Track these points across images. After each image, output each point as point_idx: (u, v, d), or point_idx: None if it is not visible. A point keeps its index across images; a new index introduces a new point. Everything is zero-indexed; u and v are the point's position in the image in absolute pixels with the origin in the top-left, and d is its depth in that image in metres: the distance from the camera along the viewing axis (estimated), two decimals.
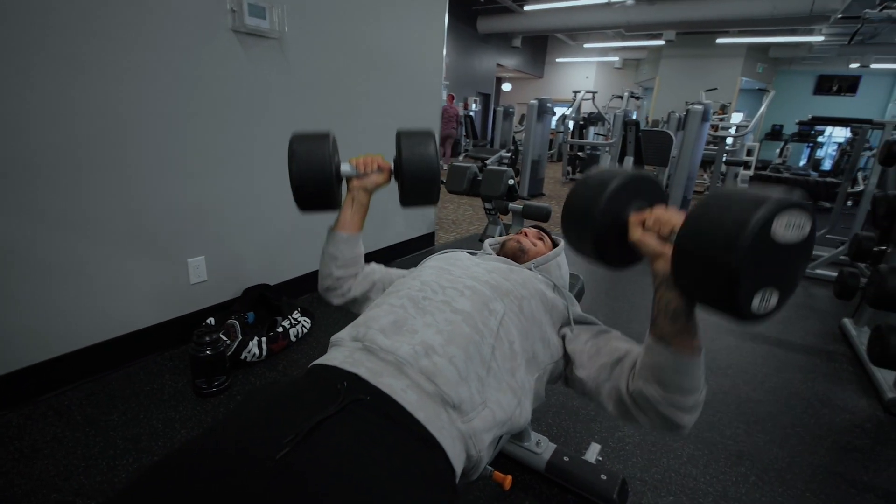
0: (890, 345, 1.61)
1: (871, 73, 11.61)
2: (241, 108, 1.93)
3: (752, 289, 0.53)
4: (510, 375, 0.76)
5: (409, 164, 0.97)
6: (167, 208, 1.76)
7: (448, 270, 0.89)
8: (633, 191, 0.72)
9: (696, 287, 0.58)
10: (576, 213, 0.75)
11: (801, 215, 0.54)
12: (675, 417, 0.68)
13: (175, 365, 1.79)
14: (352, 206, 1.03)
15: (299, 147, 0.95)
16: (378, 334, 0.73)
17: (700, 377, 0.67)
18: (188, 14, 1.67)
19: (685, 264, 0.58)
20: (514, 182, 2.41)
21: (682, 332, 0.65)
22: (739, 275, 0.51)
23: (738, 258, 0.51)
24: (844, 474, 1.42)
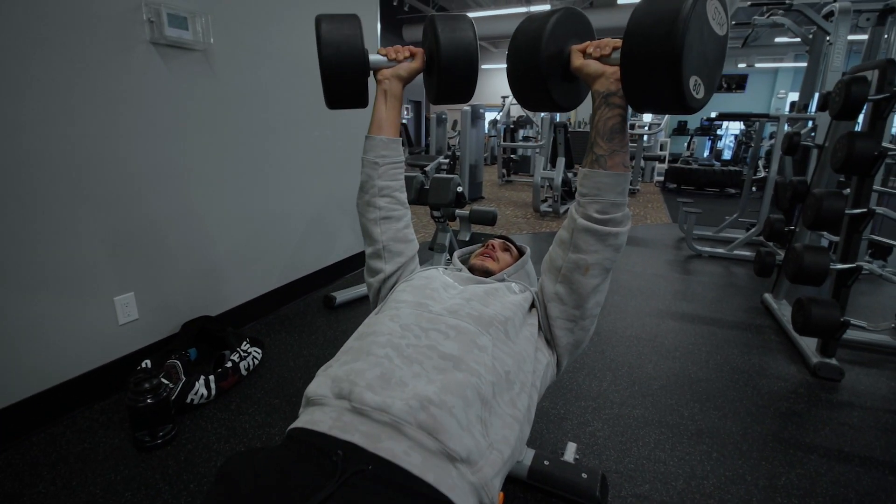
0: (812, 315, 1.79)
1: (756, 72, 13.09)
2: (167, 125, 1.77)
3: (688, 71, 0.62)
4: (511, 407, 0.73)
5: (448, 51, 0.87)
6: (84, 242, 1.57)
7: (426, 307, 0.84)
8: (571, 27, 0.81)
9: (644, 73, 0.65)
10: (521, 49, 0.81)
11: (723, 9, 0.65)
12: (611, 229, 0.78)
13: (108, 418, 1.58)
14: (385, 100, 0.95)
15: (328, 29, 0.86)
16: (366, 392, 0.66)
17: (626, 192, 0.79)
18: (98, 26, 1.50)
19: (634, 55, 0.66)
20: (462, 189, 2.43)
21: (617, 150, 0.76)
22: (683, 47, 0.59)
23: (680, 31, 0.59)
24: (790, 439, 1.55)
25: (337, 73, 0.87)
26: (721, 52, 0.68)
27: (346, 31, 0.87)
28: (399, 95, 0.96)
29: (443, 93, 0.93)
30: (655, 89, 0.66)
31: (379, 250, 0.97)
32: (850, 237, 1.92)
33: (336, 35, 0.86)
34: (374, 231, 0.97)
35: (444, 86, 0.92)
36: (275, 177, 2.31)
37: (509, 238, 1.18)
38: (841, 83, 1.86)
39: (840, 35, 3.02)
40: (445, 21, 0.89)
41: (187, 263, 1.93)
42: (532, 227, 4.75)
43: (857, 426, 1.64)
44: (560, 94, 0.83)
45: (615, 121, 0.74)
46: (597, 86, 0.76)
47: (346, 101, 0.91)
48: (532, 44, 0.79)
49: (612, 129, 0.75)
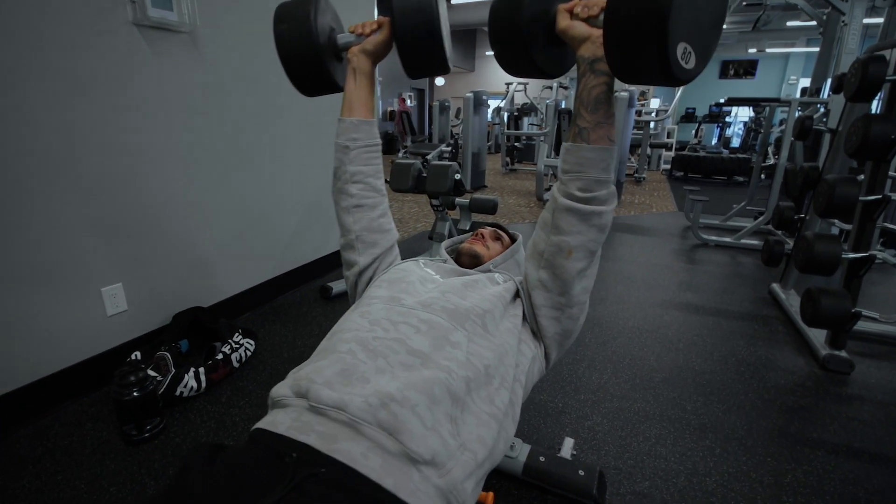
0: (821, 306, 1.72)
1: (767, 57, 12.79)
2: (153, 110, 1.71)
3: (675, 38, 0.56)
4: (489, 403, 0.68)
5: (402, 14, 0.80)
6: (69, 231, 1.52)
7: (399, 300, 0.78)
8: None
9: (628, 40, 0.60)
10: (504, 10, 0.75)
11: None
12: (595, 208, 0.73)
13: (97, 411, 1.56)
14: (354, 79, 0.89)
15: (284, 15, 0.81)
16: (323, 388, 0.61)
17: (613, 169, 0.73)
18: (77, 7, 1.44)
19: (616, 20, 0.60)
20: (461, 177, 2.36)
21: (602, 122, 0.70)
22: (669, 12, 0.53)
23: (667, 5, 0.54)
24: (796, 434, 1.50)
25: (298, 59, 0.81)
26: (718, 17, 0.62)
27: (302, 12, 0.81)
28: (368, 72, 0.89)
29: (407, 63, 0.86)
30: (639, 57, 0.59)
31: (352, 241, 0.92)
32: (864, 225, 1.84)
33: (292, 20, 0.80)
34: (346, 220, 0.92)
35: (405, 55, 0.85)
36: (269, 164, 2.25)
37: (500, 225, 1.12)
38: (858, 62, 1.76)
39: (856, 15, 2.89)
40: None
41: (178, 253, 1.89)
42: (534, 215, 4.68)
43: (867, 421, 1.58)
44: (545, 60, 0.76)
45: (600, 90, 0.69)
46: (582, 50, 0.70)
47: (318, 87, 0.86)
48: (514, 4, 0.72)
49: (597, 98, 0.69)
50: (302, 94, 0.86)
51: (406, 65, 0.87)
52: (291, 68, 0.83)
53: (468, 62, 14.78)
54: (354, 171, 0.89)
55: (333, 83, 0.87)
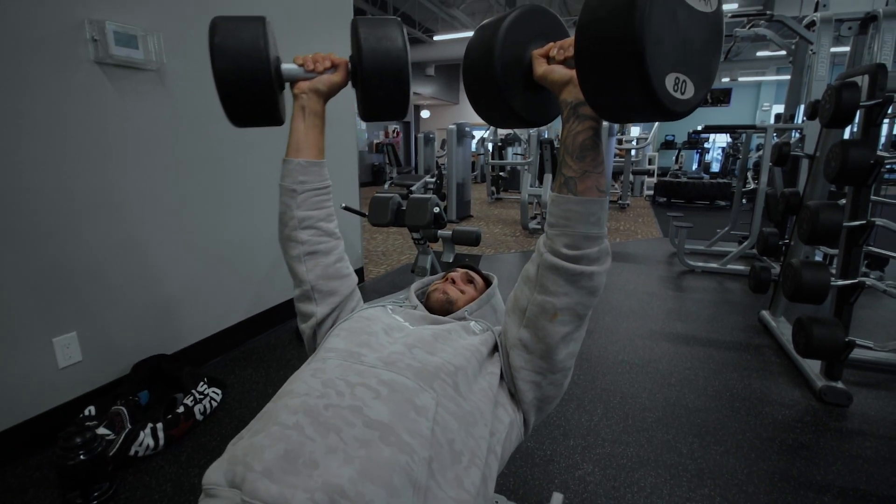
0: (814, 336, 1.66)
1: (740, 85, 13.28)
2: (115, 148, 1.64)
3: (662, 69, 0.48)
4: (456, 488, 0.58)
5: (371, 59, 0.75)
6: (15, 277, 1.42)
7: (359, 356, 0.69)
8: (533, 27, 0.69)
9: (605, 80, 0.53)
10: (475, 61, 0.69)
11: None
12: (585, 268, 0.65)
13: (43, 475, 1.41)
14: (303, 118, 0.80)
15: (223, 32, 0.71)
16: (260, 479, 0.51)
17: (604, 223, 0.66)
18: (35, 46, 1.39)
19: (588, 57, 0.53)
20: (440, 209, 2.30)
21: (589, 171, 0.63)
22: (644, 41, 0.46)
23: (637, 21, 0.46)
24: (799, 477, 1.41)
25: (235, 87, 0.72)
26: (714, 34, 0.54)
27: (247, 35, 0.72)
28: (320, 112, 0.82)
29: (369, 109, 0.81)
30: (623, 97, 0.52)
31: (307, 291, 0.83)
32: (850, 251, 1.81)
33: (233, 41, 0.71)
34: (299, 269, 0.83)
35: (369, 101, 0.79)
36: (237, 201, 2.18)
37: (473, 267, 1.04)
38: (831, 89, 1.77)
39: (823, 44, 2.97)
40: (370, 25, 0.77)
41: (138, 298, 1.78)
42: (521, 244, 4.64)
43: (870, 458, 1.49)
44: (525, 108, 0.70)
45: (586, 135, 0.62)
46: (564, 94, 0.64)
47: (252, 119, 0.77)
48: (485, 54, 0.67)
49: (583, 145, 0.62)
50: (232, 122, 0.76)
51: (366, 110, 0.81)
52: (231, 89, 0.72)
53: (452, 95, 15.11)
54: (303, 217, 0.81)
55: (276, 116, 0.79)
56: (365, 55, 0.75)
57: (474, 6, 9.69)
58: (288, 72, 0.79)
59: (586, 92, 0.57)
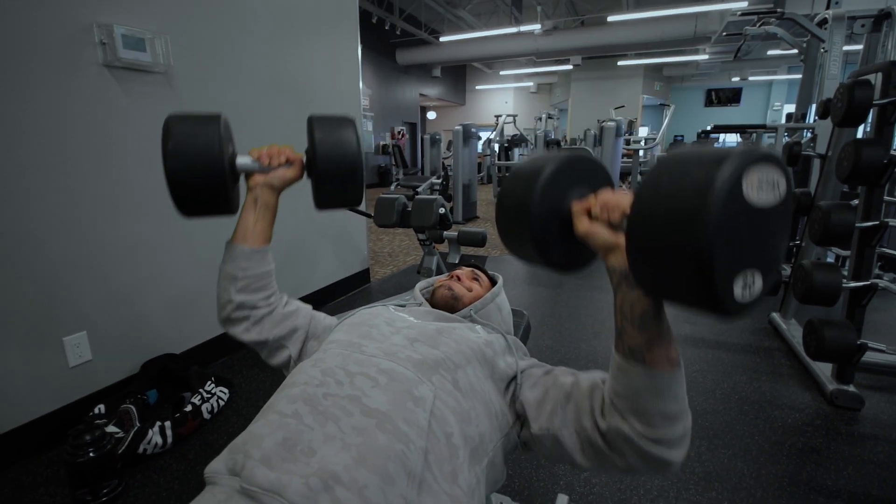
0: (825, 339, 1.64)
1: (750, 85, 13.15)
2: (125, 150, 1.66)
3: (730, 273, 0.41)
4: (450, 483, 0.57)
5: (323, 153, 0.77)
6: (28, 277, 1.44)
7: (359, 347, 0.69)
8: (573, 176, 0.62)
9: (661, 281, 0.46)
10: (509, 211, 0.63)
11: (773, 170, 0.43)
12: (663, 454, 0.56)
13: (54, 473, 1.43)
14: (254, 210, 0.79)
15: (177, 130, 0.72)
16: (258, 466, 0.52)
17: (683, 396, 0.56)
18: (44, 49, 1.41)
19: (642, 254, 0.46)
20: (446, 210, 2.30)
21: (655, 341, 0.54)
22: (713, 255, 0.39)
23: (708, 234, 0.39)
24: (809, 481, 1.38)
25: (186, 186, 0.72)
26: (783, 220, 0.46)
27: (201, 137, 0.73)
28: (272, 205, 0.82)
29: (323, 199, 0.83)
30: (681, 297, 0.46)
31: (272, 345, 0.82)
32: (862, 252, 1.78)
33: (187, 142, 0.72)
34: (251, 338, 0.81)
35: (323, 193, 0.81)
36: None
37: (479, 266, 1.04)
38: (843, 87, 1.75)
39: (835, 42, 2.93)
40: (323, 123, 0.79)
41: (148, 298, 1.80)
42: None
43: (882, 463, 1.47)
44: (562, 259, 0.64)
45: (644, 305, 0.54)
46: (611, 260, 0.56)
47: (202, 213, 0.77)
48: (520, 209, 0.61)
49: (644, 315, 0.54)
50: (181, 213, 0.77)
51: (320, 201, 0.83)
52: (181, 186, 0.72)
53: (459, 96, 15.12)
54: (242, 301, 0.79)
55: (227, 210, 0.79)
56: (319, 153, 0.77)
57: (480, 7, 9.70)
58: (243, 166, 0.80)
59: (640, 281, 0.50)
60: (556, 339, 2.41)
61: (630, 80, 11.98)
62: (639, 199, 0.46)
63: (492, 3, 9.29)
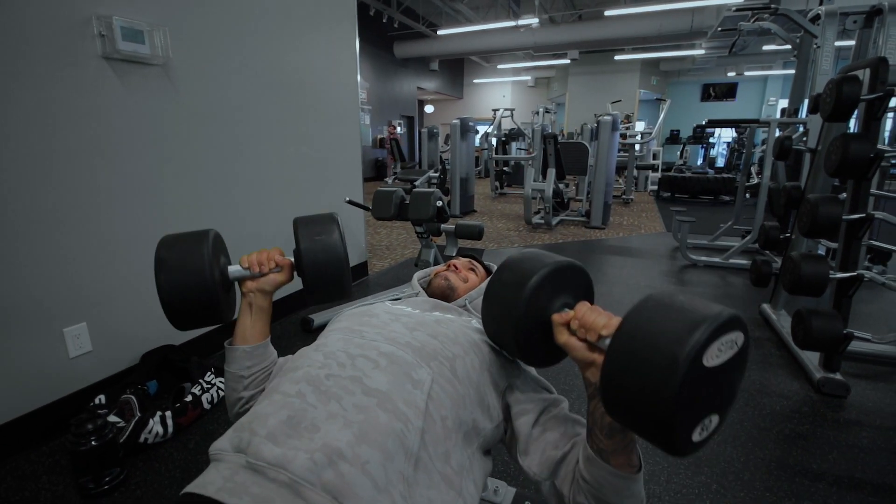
0: (812, 328, 1.68)
1: (746, 80, 13.18)
2: (123, 142, 1.67)
3: (690, 426, 0.47)
4: (444, 462, 0.60)
5: (310, 257, 0.80)
6: (30, 268, 1.46)
7: (360, 332, 0.72)
8: (559, 283, 0.65)
9: (628, 422, 0.52)
10: (496, 309, 0.68)
11: (735, 332, 0.48)
12: None
13: (55, 461, 1.45)
14: (250, 314, 0.82)
15: (168, 258, 0.74)
16: (264, 443, 0.55)
17: (641, 494, 0.61)
18: (43, 41, 1.41)
19: (612, 397, 0.51)
20: (443, 203, 2.32)
21: (619, 449, 0.58)
22: (673, 423, 0.45)
23: (670, 410, 0.45)
24: (795, 465, 1.43)
25: (185, 294, 0.75)
26: (740, 365, 0.51)
27: (191, 257, 0.75)
28: (266, 308, 0.85)
29: (313, 296, 0.85)
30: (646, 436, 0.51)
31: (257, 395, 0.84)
32: (849, 244, 1.82)
33: (177, 266, 0.74)
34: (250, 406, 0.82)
35: (311, 290, 0.84)
36: (244, 196, 2.21)
37: (475, 257, 1.07)
38: (832, 83, 1.78)
39: (827, 38, 2.96)
40: (307, 225, 0.83)
41: (147, 290, 1.80)
42: (524, 239, 4.66)
43: (866, 448, 1.51)
44: (539, 356, 0.69)
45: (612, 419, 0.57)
46: (587, 374, 0.60)
47: (195, 325, 0.80)
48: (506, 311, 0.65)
49: (612, 427, 0.58)
50: (174, 326, 0.79)
51: (309, 298, 0.86)
52: (174, 303, 0.74)
53: (456, 90, 15.08)
54: (252, 395, 0.82)
55: (220, 320, 0.81)
56: (305, 261, 0.80)
57: (478, 0, 9.66)
58: (234, 273, 0.82)
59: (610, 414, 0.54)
60: None
61: (627, 75, 11.98)
62: (613, 353, 0.51)
63: None
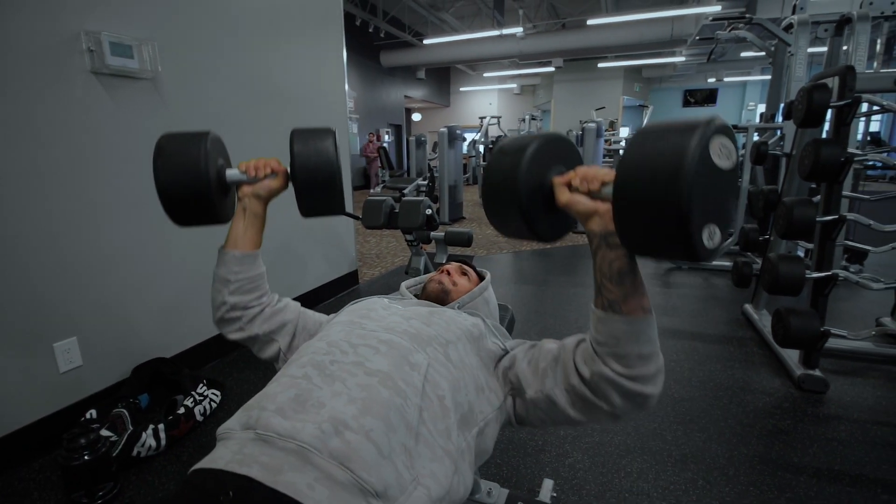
0: (791, 326, 1.74)
1: (726, 86, 13.50)
2: (113, 156, 1.68)
3: (700, 224, 0.51)
4: (444, 438, 0.64)
5: (303, 163, 0.83)
6: (19, 283, 1.45)
7: (360, 324, 0.76)
8: (552, 154, 0.69)
9: (645, 235, 0.54)
10: (497, 186, 0.69)
11: (728, 140, 0.53)
12: (641, 390, 0.64)
13: (47, 477, 1.44)
14: (244, 218, 0.86)
15: (167, 146, 0.79)
16: (274, 417, 0.58)
17: (655, 339, 0.64)
18: (32, 58, 1.42)
19: (628, 212, 0.54)
20: (433, 211, 2.36)
21: (630, 293, 0.62)
22: (690, 208, 0.48)
23: (687, 190, 0.48)
24: (777, 460, 1.48)
25: (177, 199, 0.79)
26: (733, 183, 0.56)
27: (188, 153, 0.79)
28: (260, 214, 0.88)
29: (304, 206, 0.88)
30: (659, 249, 0.55)
31: (263, 340, 0.88)
32: (824, 245, 1.89)
33: (175, 160, 0.78)
34: (243, 336, 0.87)
35: (304, 200, 0.86)
36: None
37: (467, 262, 1.10)
38: (803, 91, 1.85)
39: (800, 46, 3.07)
40: (304, 137, 0.85)
41: (137, 303, 1.81)
42: (512, 245, 4.71)
43: (845, 441, 1.57)
44: (546, 229, 0.71)
45: (621, 263, 0.61)
46: (591, 225, 0.63)
47: (194, 222, 0.83)
48: (507, 182, 0.67)
49: (621, 272, 0.61)
50: (174, 222, 0.83)
51: (301, 207, 0.88)
52: (172, 199, 0.79)
53: (443, 98, 15.20)
54: (235, 302, 0.85)
55: (217, 218, 0.85)
56: (297, 164, 0.83)
57: (463, 10, 9.80)
58: (231, 177, 0.86)
59: (623, 238, 0.57)
60: (541, 333, 2.48)
61: (610, 82, 12.21)
62: (624, 164, 0.54)
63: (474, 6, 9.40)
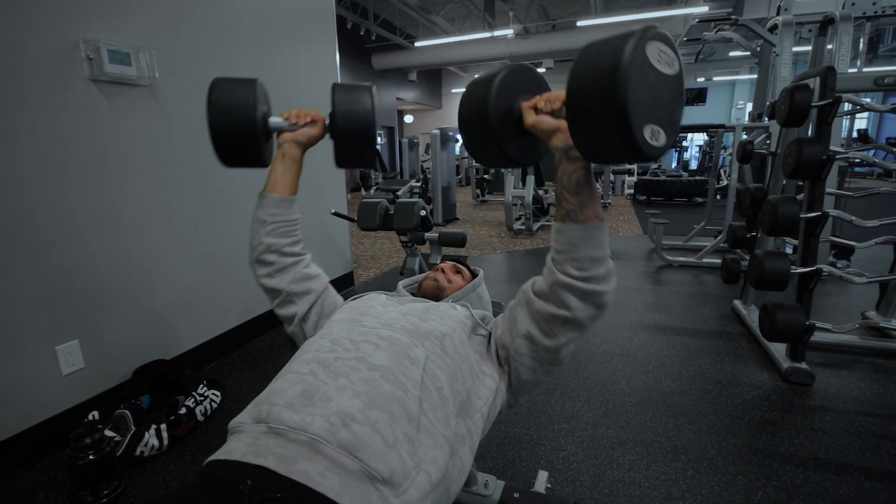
0: (777, 320, 1.80)
1: (715, 85, 13.65)
2: (112, 163, 1.70)
3: (641, 121, 0.56)
4: (444, 426, 0.69)
5: (342, 113, 0.90)
6: (19, 289, 1.47)
7: (360, 322, 0.81)
8: (520, 82, 0.78)
9: (594, 135, 0.61)
10: (471, 113, 0.78)
11: (668, 49, 0.59)
12: (596, 288, 0.72)
13: (51, 478, 1.47)
14: (283, 163, 0.93)
15: (219, 91, 0.86)
16: (284, 411, 0.62)
17: (607, 244, 0.73)
18: (32, 66, 1.45)
19: (579, 118, 0.61)
20: (427, 212, 2.40)
21: (587, 202, 0.71)
22: (627, 100, 0.55)
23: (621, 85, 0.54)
24: (765, 450, 1.53)
25: (226, 137, 0.86)
26: (677, 91, 0.63)
27: (238, 95, 0.87)
28: (297, 159, 0.95)
29: (341, 158, 0.95)
30: (608, 147, 0.61)
31: (285, 297, 0.93)
32: (808, 241, 1.95)
33: (227, 100, 0.86)
34: (271, 284, 0.93)
35: (341, 152, 0.94)
36: (231, 212, 2.24)
37: (461, 260, 1.14)
38: (785, 92, 1.91)
39: (785, 46, 3.15)
40: (345, 90, 0.92)
41: (138, 306, 1.84)
42: (506, 245, 4.76)
43: (830, 431, 1.62)
44: (517, 152, 0.79)
45: (579, 174, 0.70)
46: (554, 141, 0.72)
47: (239, 163, 0.91)
48: (480, 108, 0.75)
49: (578, 182, 0.70)
50: (222, 163, 0.91)
51: (338, 159, 0.96)
52: (221, 137, 0.86)
53: (435, 99, 15.24)
54: (270, 243, 0.91)
55: (260, 160, 0.92)
56: (338, 115, 0.90)
57: (454, 12, 9.84)
58: (274, 124, 0.93)
59: (577, 142, 0.65)
60: None
61: None
62: (573, 72, 0.60)
63: (465, 8, 9.45)
